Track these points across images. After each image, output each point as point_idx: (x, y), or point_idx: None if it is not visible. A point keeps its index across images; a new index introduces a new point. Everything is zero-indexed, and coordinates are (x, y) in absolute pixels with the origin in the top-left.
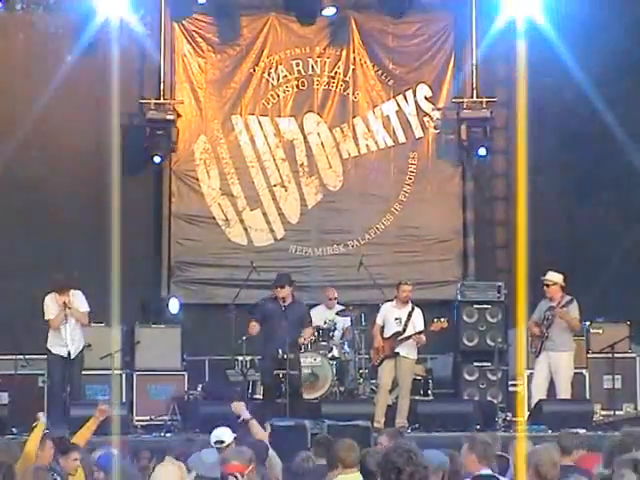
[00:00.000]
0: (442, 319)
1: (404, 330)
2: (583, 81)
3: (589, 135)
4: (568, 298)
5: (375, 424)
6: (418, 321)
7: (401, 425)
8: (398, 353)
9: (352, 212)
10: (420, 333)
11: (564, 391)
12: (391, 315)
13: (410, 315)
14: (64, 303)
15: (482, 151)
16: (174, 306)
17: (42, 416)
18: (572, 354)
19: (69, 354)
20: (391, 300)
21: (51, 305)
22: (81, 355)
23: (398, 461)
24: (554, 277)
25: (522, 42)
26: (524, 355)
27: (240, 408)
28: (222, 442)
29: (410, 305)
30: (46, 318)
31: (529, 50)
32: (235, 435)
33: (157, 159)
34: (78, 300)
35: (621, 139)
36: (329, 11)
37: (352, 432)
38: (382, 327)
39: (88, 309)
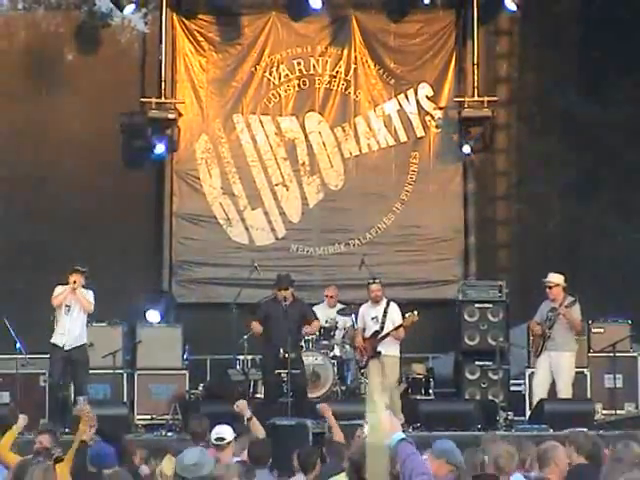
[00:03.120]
0: (413, 312)
1: (382, 328)
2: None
3: (591, 134)
4: (571, 299)
5: None
6: (395, 316)
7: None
8: (380, 352)
9: (353, 211)
10: (397, 328)
11: (565, 392)
12: (368, 315)
13: (386, 312)
14: (74, 281)
15: (466, 149)
16: (152, 316)
17: (22, 420)
18: (573, 355)
19: (64, 345)
20: (367, 302)
21: (59, 289)
22: (83, 352)
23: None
24: (555, 278)
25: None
26: None
27: (243, 406)
28: (223, 439)
29: (385, 302)
30: (53, 296)
31: (529, 48)
32: (236, 434)
33: (160, 148)
34: (88, 294)
35: (623, 138)
36: (316, 3)
37: (353, 431)
38: (363, 329)
39: (94, 303)
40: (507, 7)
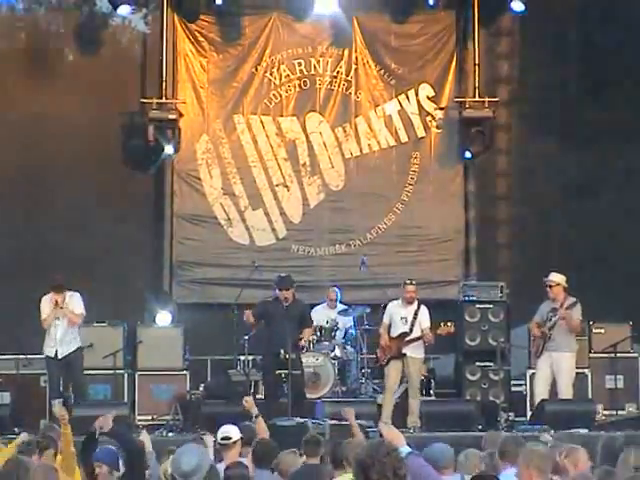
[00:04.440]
0: (449, 324)
1: (411, 330)
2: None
3: (591, 134)
4: (572, 300)
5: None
6: (424, 319)
7: (414, 425)
8: (405, 354)
9: (354, 212)
10: (429, 333)
11: (566, 392)
12: (397, 314)
13: (416, 314)
14: (56, 302)
15: (467, 154)
16: (162, 319)
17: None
18: (574, 355)
19: (56, 354)
20: (397, 299)
21: (45, 305)
22: (76, 356)
23: (365, 460)
24: (557, 278)
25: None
26: None
27: (251, 404)
28: (229, 439)
29: (416, 304)
30: (42, 318)
31: (530, 48)
32: (242, 434)
33: (169, 150)
34: (74, 301)
35: (623, 138)
36: (323, 9)
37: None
38: (389, 326)
39: (83, 312)
40: (513, 9)
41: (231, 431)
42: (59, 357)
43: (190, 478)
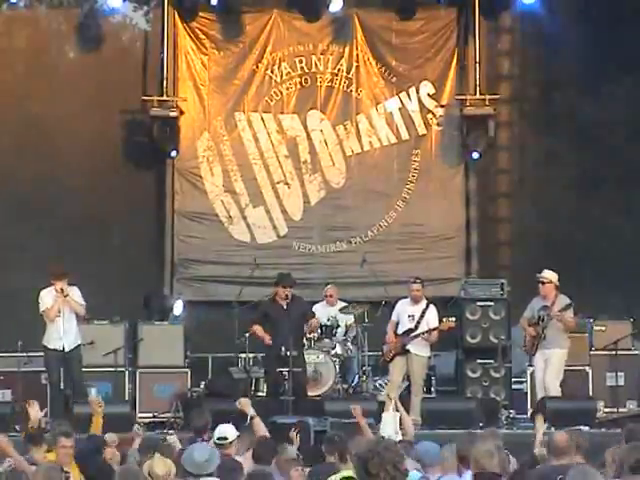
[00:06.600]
0: (450, 319)
1: (416, 327)
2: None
3: (591, 132)
4: (565, 302)
5: None
6: (431, 318)
7: (415, 422)
8: (409, 350)
9: (355, 209)
10: (432, 331)
11: (552, 387)
12: (405, 312)
13: (424, 312)
14: (61, 290)
15: (475, 155)
16: (178, 308)
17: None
18: (565, 352)
19: (64, 347)
20: (405, 297)
21: (46, 297)
22: (78, 352)
23: (367, 457)
24: (549, 275)
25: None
26: None
27: (246, 404)
28: (225, 439)
29: (424, 302)
30: (42, 310)
31: (531, 46)
32: (238, 433)
33: (173, 153)
34: (75, 294)
35: (624, 136)
36: (336, 6)
37: (355, 429)
38: (397, 323)
39: (84, 303)
40: (523, 2)
41: (228, 431)
42: (66, 350)
43: (204, 470)
